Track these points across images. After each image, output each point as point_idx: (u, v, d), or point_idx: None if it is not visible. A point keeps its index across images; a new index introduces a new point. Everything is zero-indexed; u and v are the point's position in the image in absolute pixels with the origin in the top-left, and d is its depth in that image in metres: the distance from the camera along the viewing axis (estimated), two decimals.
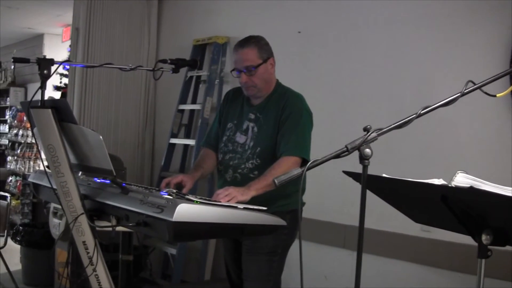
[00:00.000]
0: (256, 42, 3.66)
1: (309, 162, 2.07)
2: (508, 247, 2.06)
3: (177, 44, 6.97)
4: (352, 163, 2.28)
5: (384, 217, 4.43)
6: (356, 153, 2.10)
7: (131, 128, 7.15)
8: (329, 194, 4.99)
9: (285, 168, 3.32)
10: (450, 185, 1.90)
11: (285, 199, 3.58)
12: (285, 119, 3.55)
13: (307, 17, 5.50)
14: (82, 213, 2.94)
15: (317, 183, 3.85)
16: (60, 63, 3.08)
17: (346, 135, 2.18)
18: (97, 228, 2.98)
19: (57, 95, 8.33)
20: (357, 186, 2.19)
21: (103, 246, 5.26)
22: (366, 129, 2.05)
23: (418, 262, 4.56)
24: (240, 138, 3.69)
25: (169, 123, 6.73)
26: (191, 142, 6.46)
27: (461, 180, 1.86)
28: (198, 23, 6.73)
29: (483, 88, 2.19)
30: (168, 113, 6.87)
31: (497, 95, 2.19)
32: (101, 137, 2.80)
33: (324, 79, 5.30)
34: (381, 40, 4.90)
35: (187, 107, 6.65)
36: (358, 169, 2.13)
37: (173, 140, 6.66)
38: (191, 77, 6.63)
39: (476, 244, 2.06)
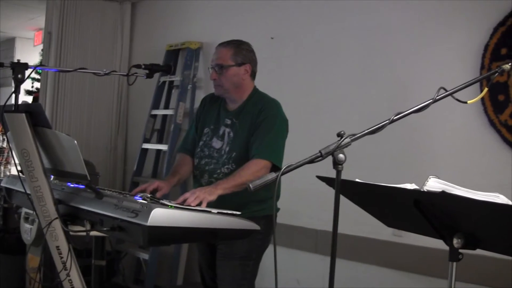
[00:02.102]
0: (236, 45, 3.68)
1: (284, 167, 2.08)
2: (479, 251, 2.10)
3: (150, 49, 6.96)
4: (326, 168, 2.30)
5: (357, 222, 4.45)
6: (330, 158, 2.11)
7: (103, 132, 7.13)
8: (301, 199, 5.01)
9: (253, 170, 3.35)
10: (422, 190, 1.93)
11: (260, 204, 3.58)
12: (259, 123, 3.56)
13: (280, 23, 5.54)
14: (56, 218, 2.94)
15: (290, 188, 3.87)
16: (35, 67, 3.08)
17: (321, 140, 2.20)
18: (71, 233, 2.98)
19: (28, 99, 8.28)
20: (329, 191, 2.21)
21: (76, 251, 5.24)
22: (339, 135, 2.08)
23: (390, 266, 4.60)
24: (216, 143, 3.69)
25: (142, 128, 6.72)
26: (163, 147, 6.45)
27: (433, 184, 1.89)
28: (171, 28, 6.74)
29: (454, 94, 2.23)
30: (141, 118, 6.85)
31: (468, 101, 2.23)
32: (75, 141, 2.80)
33: (298, 84, 5.33)
34: (354, 45, 4.95)
35: (160, 112, 6.64)
36: (332, 174, 2.15)
37: (145, 145, 6.65)
38: (164, 82, 6.63)
39: (447, 248, 2.10)
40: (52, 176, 3.33)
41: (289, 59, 5.44)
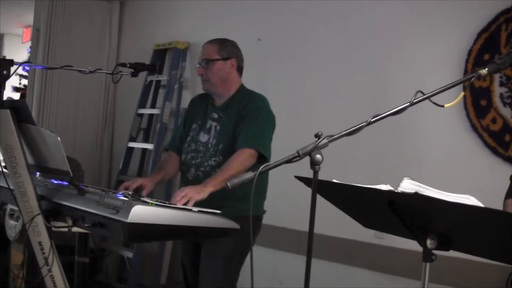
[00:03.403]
0: (221, 41, 3.79)
1: (261, 167, 2.10)
2: (453, 253, 2.13)
3: (137, 48, 6.97)
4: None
5: (339, 223, 4.49)
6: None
7: (89, 130, 7.12)
8: (284, 200, 5.03)
9: (240, 160, 3.38)
10: (396, 191, 1.97)
11: (245, 202, 3.52)
12: (245, 115, 3.60)
13: (267, 25, 5.57)
14: (39, 214, 2.96)
15: (273, 190, 3.90)
16: (20, 64, 3.10)
17: (306, 140, 2.21)
18: (53, 229, 3.01)
19: (16, 96, 8.28)
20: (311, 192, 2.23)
21: (59, 248, 5.25)
22: (317, 136, 2.11)
23: (371, 268, 4.64)
24: (203, 137, 3.71)
25: (128, 126, 6.71)
26: (149, 146, 6.46)
27: (407, 186, 1.93)
28: (159, 27, 6.75)
29: (432, 98, 2.26)
30: (127, 117, 6.85)
31: (445, 105, 2.26)
32: (59, 138, 2.82)
33: (284, 85, 5.36)
34: (338, 47, 5.00)
35: (146, 111, 6.66)
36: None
37: (131, 144, 6.65)
38: (151, 81, 6.64)
39: None
40: (38, 173, 3.35)
41: (276, 61, 5.48)
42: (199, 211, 2.80)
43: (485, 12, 4.16)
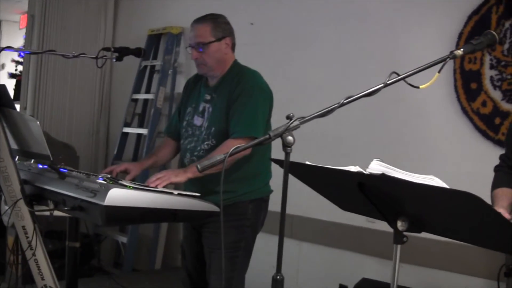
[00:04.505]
0: (213, 19, 3.57)
1: (232, 149, 2.10)
2: (424, 234, 2.12)
3: (133, 33, 6.95)
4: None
5: (330, 207, 4.49)
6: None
7: (85, 116, 7.12)
8: (276, 186, 5.03)
9: (226, 151, 3.31)
10: (364, 172, 1.96)
11: (246, 185, 3.48)
12: (236, 97, 3.44)
13: (260, 9, 5.56)
14: (21, 198, 2.96)
15: None
16: (1, 49, 3.09)
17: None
18: (36, 213, 3.01)
19: (12, 82, 8.29)
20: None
21: (54, 234, 5.25)
22: (288, 117, 2.10)
23: (363, 252, 4.65)
24: (197, 121, 3.57)
25: (124, 112, 6.73)
26: (144, 131, 6.46)
27: (375, 167, 1.91)
28: (153, 13, 6.74)
29: (407, 79, 2.25)
30: (124, 102, 6.84)
31: (421, 86, 2.25)
32: (38, 122, 2.83)
33: (276, 70, 5.33)
34: (331, 32, 4.99)
35: (141, 96, 6.66)
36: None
37: (126, 129, 6.66)
38: (145, 66, 6.64)
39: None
40: (33, 160, 3.36)
41: (268, 45, 5.47)
42: (179, 194, 2.79)
43: None
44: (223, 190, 3.01)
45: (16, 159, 3.31)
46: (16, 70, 8.56)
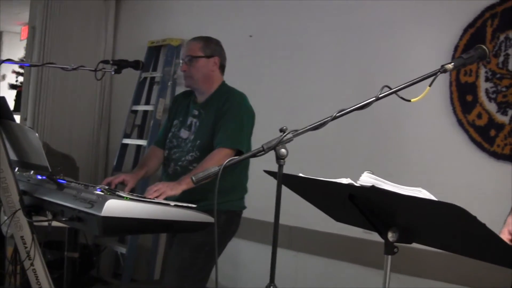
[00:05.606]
0: (205, 39, 3.83)
1: (226, 161, 2.13)
2: (415, 245, 2.16)
3: (133, 45, 6.98)
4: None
5: (328, 218, 4.52)
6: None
7: (85, 127, 7.13)
8: (270, 196, 5.06)
9: (216, 160, 3.39)
10: (355, 184, 1.99)
11: (223, 196, 3.49)
12: (224, 113, 3.65)
13: (259, 21, 5.60)
14: (19, 209, 3.00)
15: (263, 185, 3.92)
16: (1, 62, 3.13)
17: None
18: (35, 223, 3.05)
19: (12, 93, 8.32)
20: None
21: (53, 245, 5.26)
22: (282, 130, 2.13)
23: (360, 263, 4.66)
24: (184, 134, 3.78)
25: (123, 123, 6.76)
26: (143, 142, 6.50)
27: (365, 179, 1.95)
28: (153, 25, 6.77)
29: (399, 93, 2.28)
30: (124, 114, 6.86)
31: (412, 100, 2.29)
32: (37, 134, 2.86)
33: (275, 82, 5.39)
34: (329, 44, 5.02)
35: (141, 108, 6.69)
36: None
37: (126, 141, 6.68)
38: (145, 78, 6.67)
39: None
40: (32, 171, 3.40)
41: (268, 57, 5.51)
42: (175, 205, 2.83)
43: (471, 8, 4.17)
44: (199, 198, 3.16)
45: (16, 170, 3.35)
46: (16, 81, 8.59)
